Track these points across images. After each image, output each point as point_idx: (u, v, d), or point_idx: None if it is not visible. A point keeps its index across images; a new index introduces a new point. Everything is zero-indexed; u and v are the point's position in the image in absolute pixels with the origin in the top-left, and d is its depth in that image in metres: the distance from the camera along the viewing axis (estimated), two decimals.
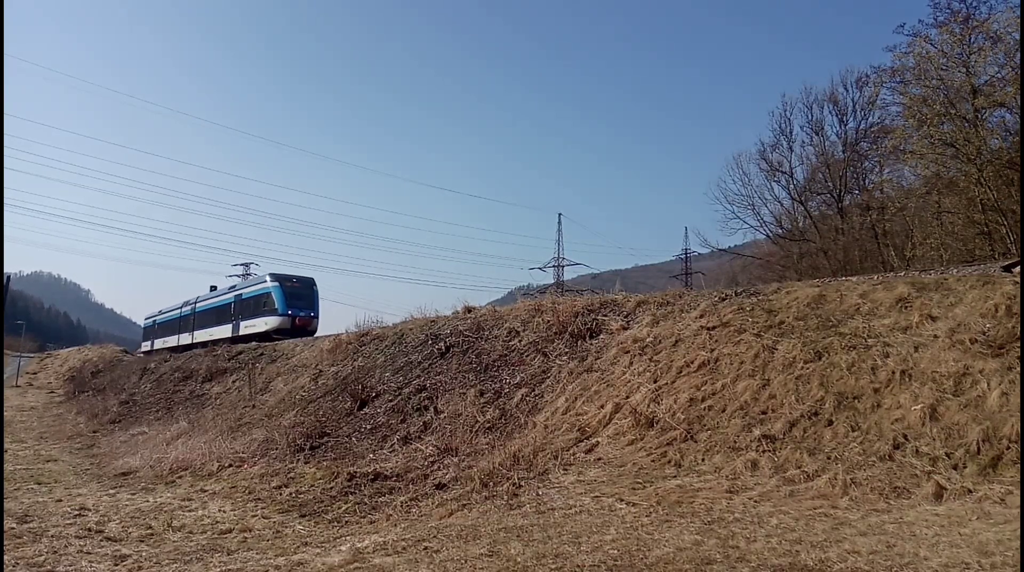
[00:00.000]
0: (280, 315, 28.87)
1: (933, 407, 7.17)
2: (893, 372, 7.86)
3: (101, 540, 7.56)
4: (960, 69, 23.90)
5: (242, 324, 31.67)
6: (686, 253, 66.20)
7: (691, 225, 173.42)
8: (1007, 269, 9.76)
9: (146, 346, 47.95)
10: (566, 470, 8.42)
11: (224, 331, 33.16)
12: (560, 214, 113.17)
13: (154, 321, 47.47)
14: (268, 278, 31.28)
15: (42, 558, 6.61)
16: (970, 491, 6.09)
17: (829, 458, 7.11)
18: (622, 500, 6.91)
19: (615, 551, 5.32)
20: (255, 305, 31.15)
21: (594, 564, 5.06)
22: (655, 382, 9.81)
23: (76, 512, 9.08)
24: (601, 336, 12.03)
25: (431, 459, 10.17)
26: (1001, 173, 22.06)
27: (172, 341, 40.27)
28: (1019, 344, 7.45)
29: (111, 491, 11.12)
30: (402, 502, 8.61)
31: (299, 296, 30.37)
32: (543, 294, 16.52)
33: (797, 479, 6.92)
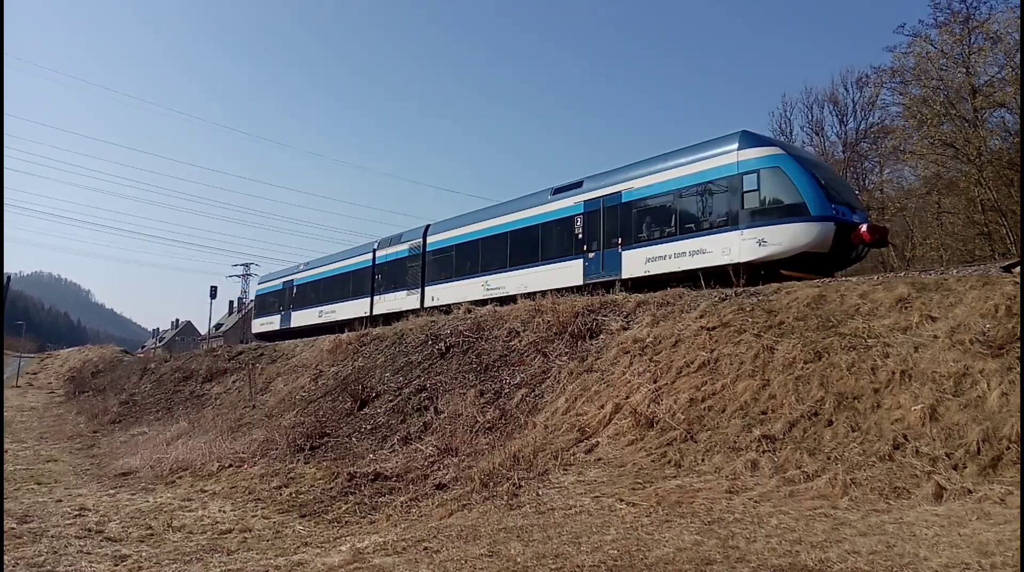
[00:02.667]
0: (813, 220, 12.79)
1: (933, 407, 7.17)
2: (893, 372, 7.86)
3: (101, 540, 7.56)
4: (960, 69, 23.96)
5: (630, 255, 15.51)
6: None
7: None
8: (1007, 269, 9.77)
9: (263, 325, 32.77)
10: (566, 470, 8.42)
11: (561, 275, 17.05)
12: None
13: (290, 283, 31.35)
14: (739, 143, 14.02)
15: (42, 558, 6.62)
16: (970, 491, 6.09)
17: (829, 458, 7.11)
18: (622, 500, 6.91)
19: (615, 551, 5.32)
20: (706, 203, 14.37)
21: (594, 564, 5.06)
22: (655, 382, 9.81)
23: (76, 512, 9.09)
24: (601, 336, 12.03)
25: (431, 459, 10.17)
26: (1001, 173, 22.11)
27: (346, 310, 25.84)
28: (1019, 344, 7.44)
29: (111, 491, 11.12)
30: (402, 502, 8.61)
31: (840, 186, 14.81)
32: (543, 294, 16.46)
33: (797, 479, 6.91)
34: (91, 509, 9.36)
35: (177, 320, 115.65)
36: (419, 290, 22.56)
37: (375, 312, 24.22)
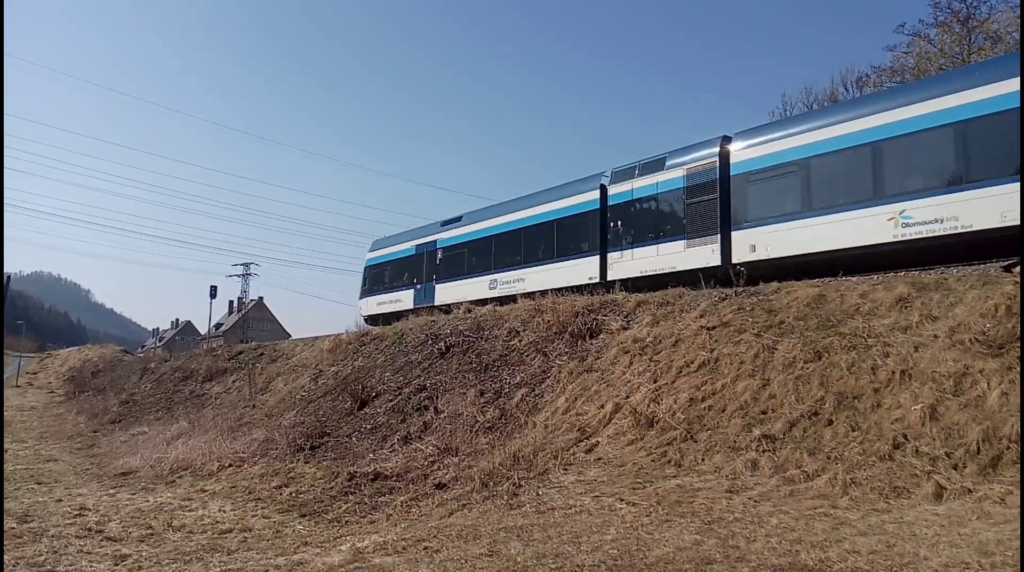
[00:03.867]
0: None
1: (933, 407, 7.17)
2: (893, 372, 7.86)
3: (101, 540, 7.56)
4: None
5: None
6: None
7: None
8: (1007, 269, 9.76)
9: (383, 304, 24.86)
10: (566, 470, 8.43)
11: None
12: None
13: (429, 246, 23.23)
14: None
15: (42, 558, 6.62)
16: (970, 491, 6.10)
17: (829, 458, 7.11)
18: (622, 500, 6.91)
19: (615, 551, 5.32)
20: None
21: (594, 564, 5.07)
22: (655, 382, 9.81)
23: (76, 512, 9.09)
24: (601, 336, 12.03)
25: (431, 459, 10.18)
26: None
27: (545, 278, 18.03)
28: (1019, 344, 7.44)
29: (111, 491, 11.13)
30: (402, 502, 8.62)
31: None
32: (543, 294, 16.36)
33: (797, 479, 6.92)
34: (91, 509, 9.37)
35: (177, 320, 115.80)
36: (714, 238, 14.51)
37: (613, 276, 16.33)
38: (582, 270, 17.34)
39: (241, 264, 71.25)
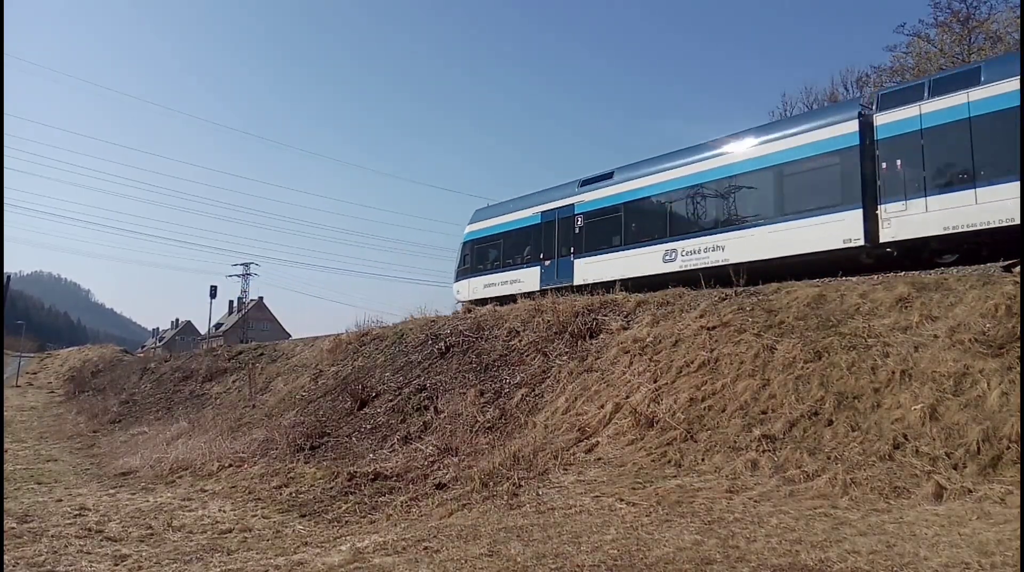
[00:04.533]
0: None
1: (933, 407, 7.17)
2: (893, 372, 7.87)
3: (101, 540, 7.56)
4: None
5: None
6: None
7: None
8: (1007, 269, 9.76)
9: (491, 286, 20.32)
10: (566, 470, 8.43)
11: None
12: None
13: (563, 210, 18.47)
14: None
15: (42, 558, 6.62)
16: (970, 491, 6.10)
17: (829, 458, 7.11)
18: (622, 500, 6.92)
19: (615, 551, 5.32)
20: None
21: (594, 564, 5.07)
22: (655, 382, 9.82)
23: (76, 512, 9.09)
24: (601, 336, 12.03)
25: (431, 459, 10.18)
26: None
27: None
28: (1019, 344, 7.44)
29: (111, 491, 11.13)
30: (402, 502, 8.62)
31: None
32: (543, 294, 16.31)
33: (797, 479, 6.92)
34: (91, 509, 9.36)
35: (177, 320, 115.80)
36: None
37: (893, 235, 11.92)
38: (832, 231, 12.67)
39: (241, 264, 71.34)
